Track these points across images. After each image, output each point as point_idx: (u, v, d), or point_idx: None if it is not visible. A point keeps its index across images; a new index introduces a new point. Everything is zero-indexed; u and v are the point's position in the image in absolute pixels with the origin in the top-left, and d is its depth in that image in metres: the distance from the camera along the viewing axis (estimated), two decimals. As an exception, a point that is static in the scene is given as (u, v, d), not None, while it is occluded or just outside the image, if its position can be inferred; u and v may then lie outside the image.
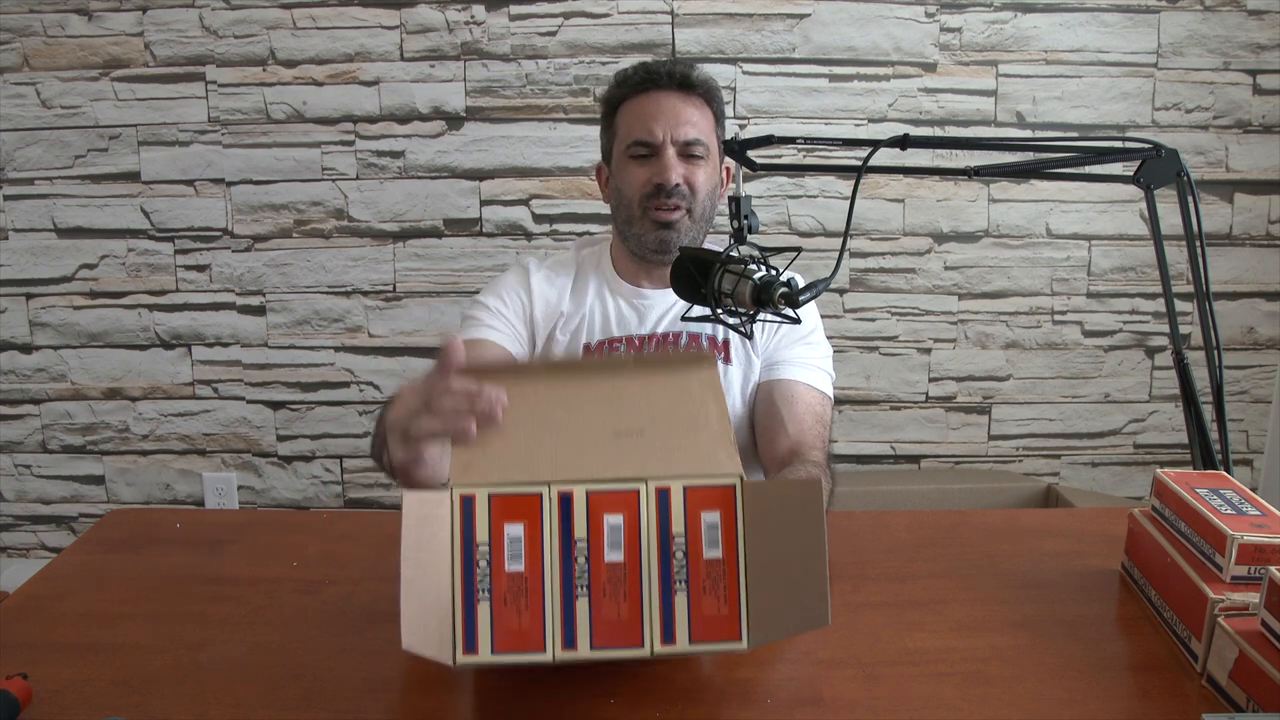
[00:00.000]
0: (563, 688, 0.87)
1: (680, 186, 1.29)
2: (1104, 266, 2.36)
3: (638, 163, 1.31)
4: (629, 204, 1.33)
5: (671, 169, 1.29)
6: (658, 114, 1.30)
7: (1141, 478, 2.46)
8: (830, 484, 1.19)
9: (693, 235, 1.33)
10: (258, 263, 2.35)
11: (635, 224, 1.33)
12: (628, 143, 1.32)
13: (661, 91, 1.31)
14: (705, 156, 1.31)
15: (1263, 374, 2.41)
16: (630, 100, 1.33)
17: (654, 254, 1.33)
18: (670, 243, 1.31)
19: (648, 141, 1.30)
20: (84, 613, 1.00)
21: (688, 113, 1.31)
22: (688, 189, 1.30)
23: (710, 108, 1.34)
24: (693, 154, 1.30)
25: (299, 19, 2.24)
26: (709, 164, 1.33)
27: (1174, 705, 0.84)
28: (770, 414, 1.28)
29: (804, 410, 1.27)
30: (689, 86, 1.32)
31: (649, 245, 1.33)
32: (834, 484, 1.21)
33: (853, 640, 0.95)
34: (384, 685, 0.88)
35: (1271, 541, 0.87)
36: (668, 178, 1.29)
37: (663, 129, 1.29)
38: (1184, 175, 1.10)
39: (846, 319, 2.36)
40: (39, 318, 2.38)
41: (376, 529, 1.24)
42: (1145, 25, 2.25)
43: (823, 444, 1.24)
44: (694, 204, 1.31)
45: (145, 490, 2.47)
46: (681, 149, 1.30)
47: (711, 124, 1.34)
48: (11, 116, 2.29)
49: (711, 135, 1.33)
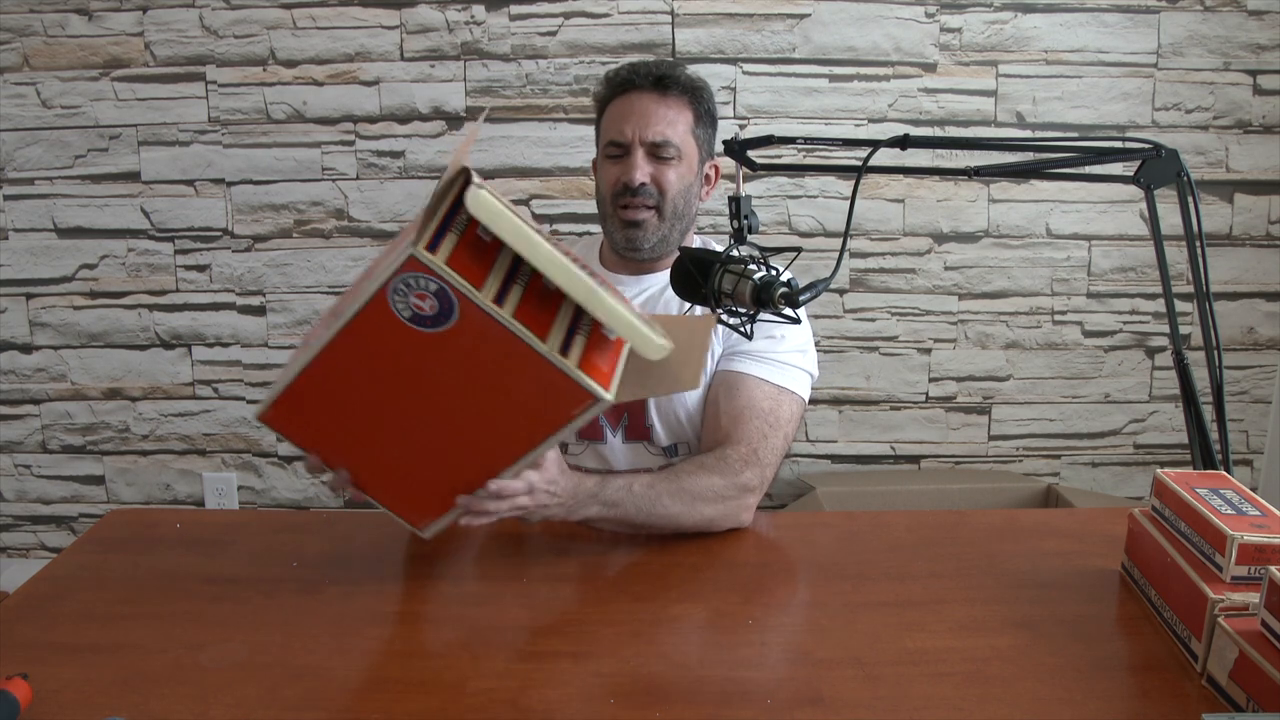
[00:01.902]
0: (563, 687, 0.88)
1: (646, 186, 1.32)
2: (1104, 266, 2.36)
3: (611, 162, 1.35)
4: (603, 201, 1.38)
5: (636, 169, 1.31)
6: (629, 115, 1.33)
7: (1142, 478, 2.46)
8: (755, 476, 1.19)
9: (663, 234, 1.35)
10: (258, 263, 2.35)
11: (608, 221, 1.38)
12: (604, 142, 1.37)
13: (638, 92, 1.34)
14: (676, 157, 1.33)
15: (1263, 374, 2.41)
16: (613, 101, 1.37)
17: (624, 251, 1.37)
18: (636, 240, 1.34)
19: (619, 141, 1.33)
20: (84, 613, 1.01)
21: (660, 112, 1.32)
22: (655, 189, 1.32)
23: (691, 107, 1.35)
24: (661, 155, 1.32)
25: (299, 19, 2.24)
26: (682, 164, 1.34)
27: (1174, 705, 0.85)
28: (711, 404, 1.29)
29: (744, 404, 1.25)
30: (665, 86, 1.33)
31: (618, 243, 1.37)
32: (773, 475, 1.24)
33: (853, 640, 0.95)
34: (384, 685, 0.88)
35: (1271, 541, 0.87)
36: (632, 177, 1.31)
37: (632, 129, 1.32)
38: (1184, 175, 1.10)
39: (846, 319, 2.36)
40: (39, 318, 2.38)
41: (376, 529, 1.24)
42: (1145, 25, 2.25)
43: (753, 439, 1.22)
44: (663, 203, 1.33)
45: (145, 490, 2.47)
46: (650, 149, 1.32)
47: (689, 123, 1.35)
48: (11, 116, 2.29)
49: (688, 136, 1.34)
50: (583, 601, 1.07)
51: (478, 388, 0.94)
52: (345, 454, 1.03)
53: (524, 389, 0.92)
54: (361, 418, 1.00)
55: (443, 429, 0.99)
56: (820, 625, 1.01)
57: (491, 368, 0.92)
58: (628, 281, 1.40)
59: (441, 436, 0.99)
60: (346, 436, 1.02)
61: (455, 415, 0.97)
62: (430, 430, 0.99)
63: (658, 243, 1.35)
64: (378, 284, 0.88)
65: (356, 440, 1.02)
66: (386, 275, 0.87)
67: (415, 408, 0.97)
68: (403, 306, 0.88)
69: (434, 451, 1.01)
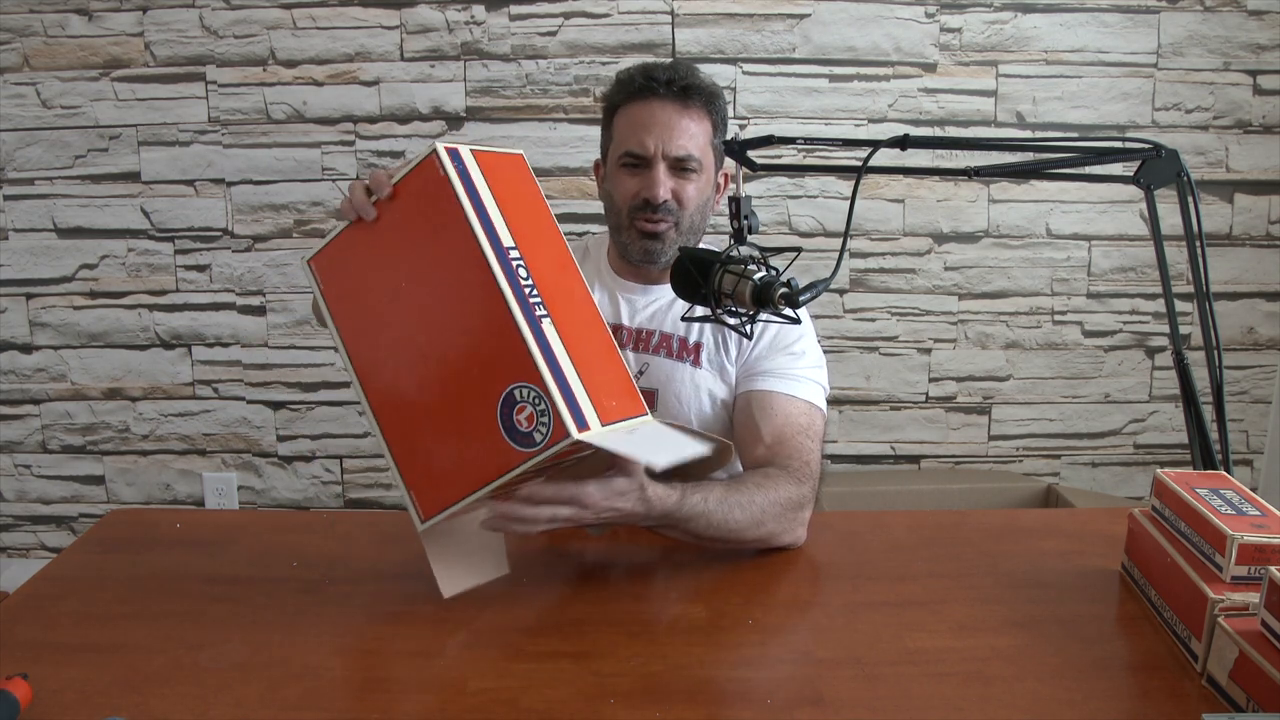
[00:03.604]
0: (563, 687, 0.88)
1: (668, 202, 1.29)
2: (1104, 267, 2.36)
3: (629, 172, 1.31)
4: (618, 212, 1.33)
5: (660, 185, 1.28)
6: (652, 125, 1.28)
7: (1141, 478, 2.46)
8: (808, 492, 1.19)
9: (679, 245, 1.31)
10: (258, 263, 2.35)
11: (623, 232, 1.34)
12: (621, 151, 1.31)
13: (659, 101, 1.28)
14: (697, 170, 1.29)
15: (1263, 374, 2.41)
16: (628, 106, 1.31)
17: (640, 262, 1.34)
18: (654, 253, 1.32)
19: (639, 154, 1.29)
20: (84, 613, 1.01)
21: (683, 125, 1.28)
22: (676, 204, 1.29)
23: (710, 116, 1.31)
24: (684, 168, 1.28)
25: (299, 19, 2.24)
26: (702, 177, 1.31)
27: (1174, 705, 0.85)
28: (747, 425, 1.27)
29: (782, 421, 1.24)
30: (687, 96, 1.28)
31: (634, 254, 1.34)
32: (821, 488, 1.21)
33: (853, 640, 0.95)
34: (384, 685, 0.88)
35: (1271, 541, 0.87)
36: (655, 194, 1.28)
37: (655, 142, 1.27)
38: (1184, 175, 1.10)
39: (846, 319, 2.36)
40: (39, 318, 2.38)
41: (376, 529, 1.24)
42: (1145, 25, 2.25)
43: (804, 454, 1.22)
44: (682, 217, 1.30)
45: (145, 490, 2.47)
46: (673, 164, 1.28)
47: (709, 134, 1.31)
48: (12, 116, 2.29)
49: (707, 147, 1.30)
50: (583, 601, 1.07)
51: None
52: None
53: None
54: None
55: (431, 349, 0.97)
56: (820, 625, 1.01)
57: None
58: (637, 291, 1.37)
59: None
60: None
61: (438, 336, 0.96)
62: (422, 345, 0.97)
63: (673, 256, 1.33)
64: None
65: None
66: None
67: (418, 310, 0.97)
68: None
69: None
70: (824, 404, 1.30)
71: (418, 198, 0.96)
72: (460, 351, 0.95)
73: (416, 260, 0.96)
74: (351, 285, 1.01)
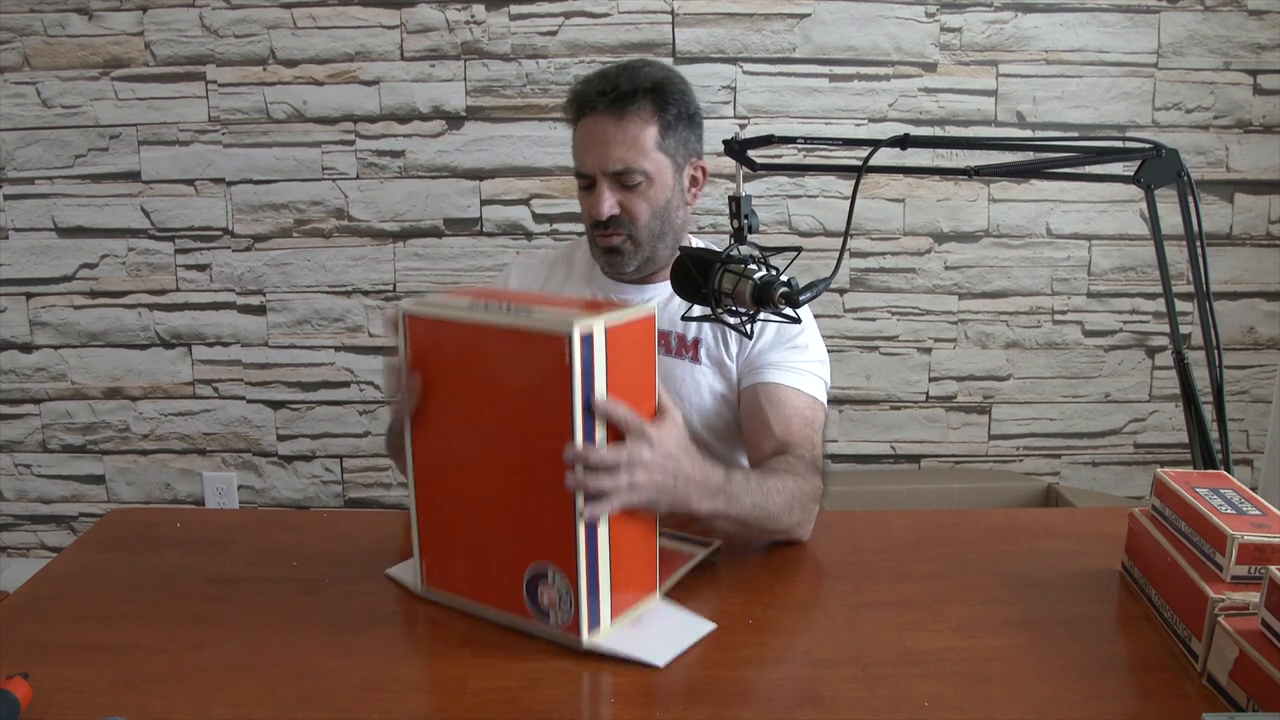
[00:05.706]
0: (563, 687, 0.88)
1: (618, 217, 1.28)
2: (1104, 266, 2.36)
3: (583, 192, 1.32)
4: (586, 225, 1.35)
5: (603, 203, 1.27)
6: (590, 145, 1.27)
7: (1142, 477, 2.46)
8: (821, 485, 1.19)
9: (645, 255, 1.31)
10: (258, 262, 2.35)
11: (592, 246, 1.36)
12: (574, 170, 1.33)
13: (595, 116, 1.27)
14: (645, 179, 1.27)
15: (1263, 374, 2.41)
16: (577, 125, 1.31)
17: (607, 273, 1.37)
18: (617, 265, 1.33)
19: (584, 173, 1.30)
20: (84, 613, 1.01)
21: (619, 136, 1.25)
22: (626, 217, 1.29)
23: (657, 115, 1.26)
24: (627, 184, 1.27)
25: (299, 19, 2.24)
26: (653, 185, 1.27)
27: (1174, 705, 0.85)
28: (756, 417, 1.27)
29: (791, 413, 1.25)
30: (622, 104, 1.25)
31: (601, 266, 1.36)
32: (826, 485, 1.21)
33: (853, 640, 0.95)
34: (384, 685, 0.88)
35: (1271, 541, 0.87)
36: (599, 211, 1.27)
37: (593, 161, 1.27)
38: (1184, 175, 1.10)
39: (846, 319, 2.36)
40: (39, 317, 2.38)
41: (376, 529, 1.24)
42: (1145, 25, 2.25)
43: (811, 446, 1.22)
44: (635, 229, 1.29)
45: (145, 490, 2.47)
46: (614, 179, 1.27)
47: (655, 138, 1.26)
48: (12, 116, 2.29)
49: (652, 153, 1.26)
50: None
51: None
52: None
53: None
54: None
55: (495, 460, 0.95)
56: (820, 625, 1.01)
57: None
58: (631, 290, 1.38)
59: (486, 477, 0.96)
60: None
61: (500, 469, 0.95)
62: (488, 450, 0.95)
63: (642, 263, 1.32)
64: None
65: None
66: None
67: (495, 419, 0.95)
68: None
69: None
70: (826, 400, 1.31)
71: (538, 356, 0.89)
72: (518, 495, 0.94)
73: (510, 383, 0.93)
74: (438, 358, 0.98)
